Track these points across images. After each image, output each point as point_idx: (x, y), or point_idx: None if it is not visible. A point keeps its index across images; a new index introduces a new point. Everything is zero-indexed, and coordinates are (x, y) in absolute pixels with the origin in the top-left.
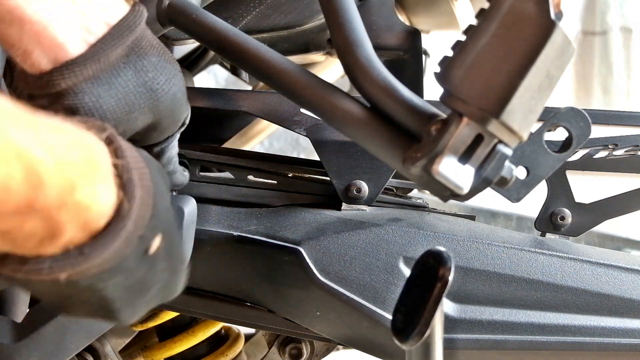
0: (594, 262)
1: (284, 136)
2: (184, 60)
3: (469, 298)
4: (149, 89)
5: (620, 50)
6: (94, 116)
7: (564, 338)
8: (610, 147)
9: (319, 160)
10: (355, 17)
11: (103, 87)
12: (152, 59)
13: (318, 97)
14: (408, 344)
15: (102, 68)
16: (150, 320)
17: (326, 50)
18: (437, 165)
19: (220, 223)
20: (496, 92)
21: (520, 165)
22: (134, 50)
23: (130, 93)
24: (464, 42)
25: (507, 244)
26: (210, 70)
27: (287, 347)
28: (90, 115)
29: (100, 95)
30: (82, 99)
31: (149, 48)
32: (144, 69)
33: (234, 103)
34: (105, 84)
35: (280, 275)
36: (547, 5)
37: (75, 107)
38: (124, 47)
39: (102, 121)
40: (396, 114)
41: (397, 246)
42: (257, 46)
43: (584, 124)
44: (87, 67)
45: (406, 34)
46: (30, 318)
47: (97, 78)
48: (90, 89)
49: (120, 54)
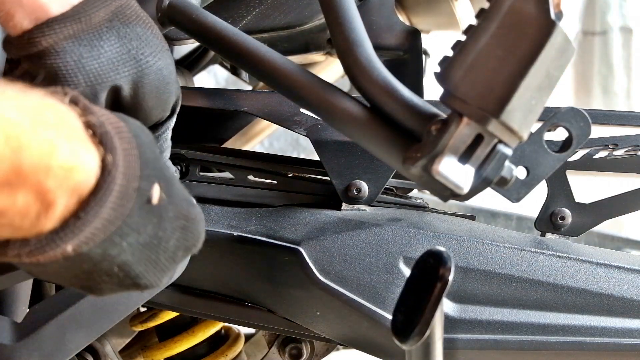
0: (594, 262)
1: (284, 136)
2: (184, 60)
3: (469, 298)
4: (132, 58)
5: (620, 50)
6: (77, 78)
7: (564, 338)
8: (610, 147)
9: (319, 160)
10: (355, 17)
11: (85, 48)
12: (137, 29)
13: (318, 97)
14: (408, 344)
15: (84, 29)
16: (150, 320)
17: (326, 50)
18: (437, 165)
19: (220, 223)
20: (496, 92)
21: (520, 165)
22: (117, 16)
23: (113, 58)
24: (464, 42)
25: (507, 244)
26: (210, 70)
27: (287, 347)
28: (74, 77)
29: (82, 56)
30: (63, 57)
31: (134, 18)
32: (128, 36)
33: (234, 103)
34: (87, 45)
35: (280, 275)
36: (547, 5)
37: (57, 66)
38: (107, 10)
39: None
40: (396, 114)
41: (397, 246)
42: (257, 46)
43: (584, 124)
44: (67, 26)
45: (406, 34)
46: (30, 318)
47: (78, 38)
48: (71, 48)
49: (103, 17)
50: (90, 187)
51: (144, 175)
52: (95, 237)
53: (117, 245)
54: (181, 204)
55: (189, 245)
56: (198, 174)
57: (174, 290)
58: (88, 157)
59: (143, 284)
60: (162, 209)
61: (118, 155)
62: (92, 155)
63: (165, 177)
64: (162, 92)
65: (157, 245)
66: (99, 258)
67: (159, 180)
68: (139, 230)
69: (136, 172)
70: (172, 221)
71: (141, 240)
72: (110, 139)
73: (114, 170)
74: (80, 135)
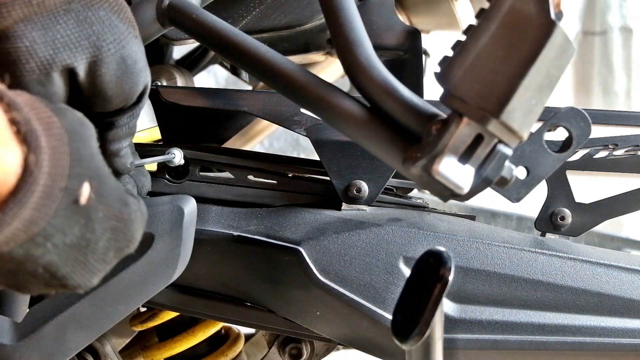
0: (594, 262)
1: (284, 136)
2: (184, 60)
3: (469, 298)
4: (92, 45)
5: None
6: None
7: (564, 338)
8: (610, 147)
9: (319, 160)
10: (355, 17)
11: (38, 32)
12: (99, 13)
13: (318, 97)
14: (408, 344)
15: (36, 11)
16: (150, 320)
17: (326, 50)
18: (437, 165)
19: (220, 223)
20: (496, 92)
21: (520, 165)
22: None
23: (71, 44)
24: (464, 42)
25: (507, 244)
26: (210, 70)
27: (287, 347)
28: (25, 63)
29: (35, 41)
30: (14, 42)
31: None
32: (88, 20)
33: (234, 103)
34: (41, 28)
35: (280, 275)
36: (547, 5)
37: (7, 52)
38: None
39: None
40: (396, 114)
41: (397, 246)
42: (257, 46)
43: (584, 124)
44: (16, 8)
45: (406, 34)
46: (30, 318)
47: (30, 21)
48: (23, 32)
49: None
50: (10, 187)
51: (74, 174)
52: (16, 237)
53: (40, 246)
54: (113, 204)
55: (120, 246)
56: (198, 174)
57: (174, 290)
58: (9, 156)
59: (71, 285)
60: (91, 210)
61: (43, 154)
62: (14, 154)
63: (98, 176)
64: (125, 82)
65: (85, 246)
66: (22, 259)
67: (91, 179)
68: (65, 231)
69: (64, 171)
70: (102, 222)
71: (67, 241)
72: (36, 137)
73: (37, 171)
74: (3, 133)
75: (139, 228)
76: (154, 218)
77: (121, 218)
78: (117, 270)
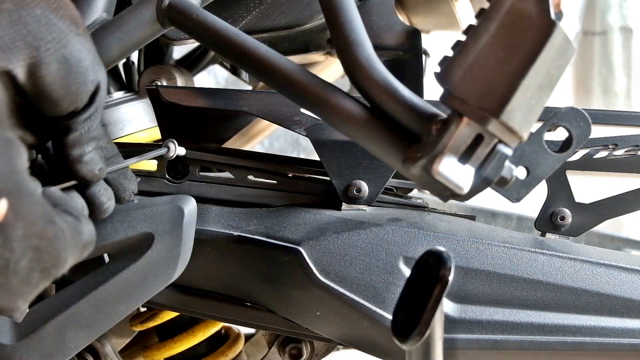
0: (594, 262)
1: (284, 136)
2: (184, 60)
3: (469, 298)
4: (29, 45)
5: (620, 50)
6: None
7: (564, 338)
8: (610, 147)
9: (319, 160)
10: (355, 17)
11: None
12: (35, 12)
13: (318, 97)
14: (408, 344)
15: None
16: (150, 320)
17: (326, 50)
18: (437, 165)
19: (220, 223)
20: (496, 92)
21: (520, 165)
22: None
23: (4, 46)
24: (464, 42)
25: (507, 244)
26: (210, 70)
27: (287, 347)
28: None
29: None
30: None
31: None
32: (23, 20)
33: (234, 103)
34: None
35: (280, 275)
36: (547, 5)
37: None
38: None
39: None
40: (396, 114)
41: (397, 246)
42: (257, 46)
43: (584, 124)
44: None
45: (406, 34)
46: (30, 318)
47: None
48: None
49: None
50: None
51: None
52: None
53: None
54: (35, 222)
55: (46, 266)
56: (198, 174)
57: (174, 290)
58: None
59: None
60: (9, 228)
61: None
62: None
63: (15, 192)
64: (70, 83)
65: (4, 267)
66: None
67: (8, 196)
68: None
69: None
70: (21, 241)
71: None
72: None
73: None
74: None
75: (66, 247)
76: (154, 218)
77: (44, 236)
78: (117, 270)
